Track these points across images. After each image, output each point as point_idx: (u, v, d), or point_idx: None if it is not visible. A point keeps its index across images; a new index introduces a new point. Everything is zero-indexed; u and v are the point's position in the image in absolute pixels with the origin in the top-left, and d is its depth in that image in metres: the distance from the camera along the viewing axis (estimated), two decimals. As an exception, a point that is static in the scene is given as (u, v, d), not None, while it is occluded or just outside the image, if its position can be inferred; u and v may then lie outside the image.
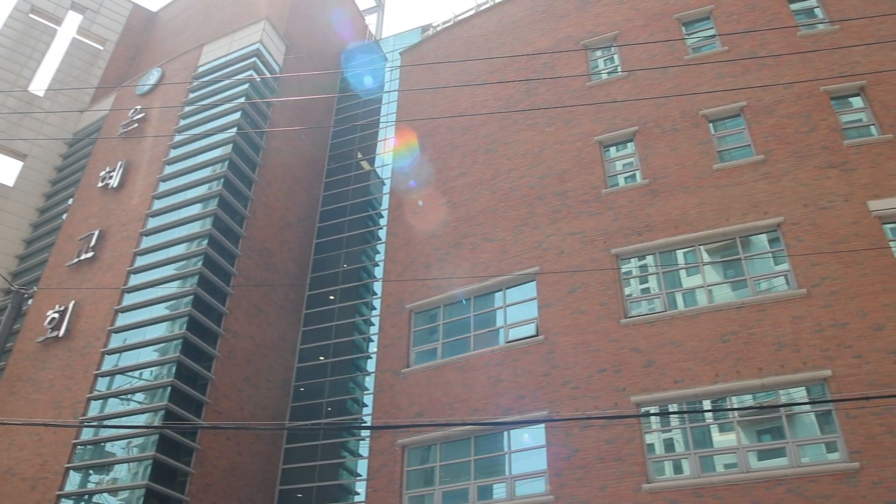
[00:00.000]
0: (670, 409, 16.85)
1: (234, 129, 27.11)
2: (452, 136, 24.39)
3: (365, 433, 23.64)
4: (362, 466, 23.50)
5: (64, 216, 29.98)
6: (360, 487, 23.42)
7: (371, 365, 25.00)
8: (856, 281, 16.33)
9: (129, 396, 22.34)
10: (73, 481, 21.14)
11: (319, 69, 33.18)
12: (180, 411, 21.38)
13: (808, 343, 15.95)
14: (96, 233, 27.06)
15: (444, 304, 20.81)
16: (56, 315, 25.17)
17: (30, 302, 26.47)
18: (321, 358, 26.73)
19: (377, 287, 26.30)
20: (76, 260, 26.78)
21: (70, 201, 30.39)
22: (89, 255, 26.53)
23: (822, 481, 14.36)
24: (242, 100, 28.00)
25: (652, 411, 16.88)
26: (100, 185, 29.03)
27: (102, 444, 21.58)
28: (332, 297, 27.78)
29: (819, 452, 15.14)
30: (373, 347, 25.05)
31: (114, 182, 28.39)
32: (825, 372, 15.45)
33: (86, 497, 20.95)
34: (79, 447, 21.62)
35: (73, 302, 25.25)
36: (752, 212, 18.27)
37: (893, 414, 14.48)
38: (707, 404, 16.61)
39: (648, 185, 19.79)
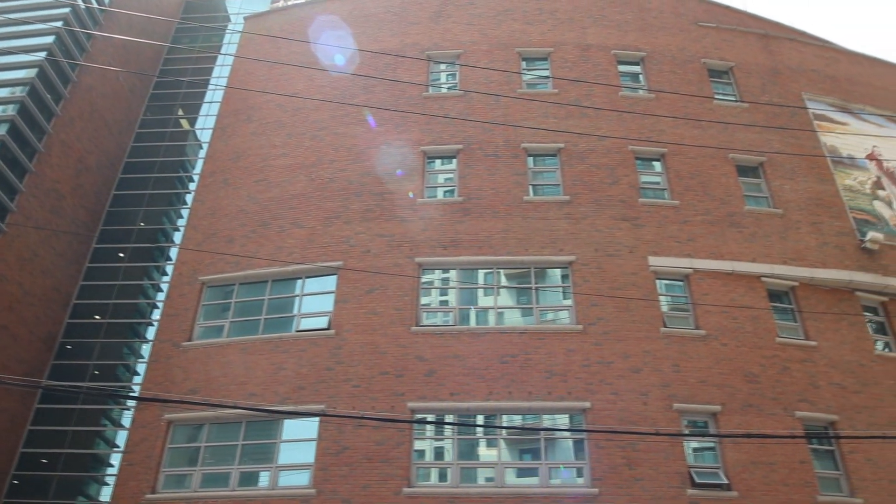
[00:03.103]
0: (441, 420, 17.48)
1: (44, 54, 24.66)
2: (281, 114, 23.78)
3: (131, 403, 22.28)
4: (122, 438, 22.12)
5: None
6: (116, 459, 22.02)
7: (151, 333, 23.66)
8: (625, 325, 17.98)
9: None
10: None
11: (155, 13, 31.08)
12: (-84, 352, 19.01)
13: (575, 375, 17.26)
14: None
15: (239, 283, 20.15)
16: None
17: None
18: (97, 317, 24.89)
19: (173, 252, 24.98)
20: None
21: None
22: None
23: (564, 502, 15.60)
24: (60, 24, 25.56)
25: (428, 419, 17.42)
26: None
27: None
28: (121, 255, 25.99)
29: (570, 476, 16.41)
30: (156, 315, 23.73)
31: None
32: (585, 403, 16.81)
33: None
34: None
35: None
36: (549, 247, 19.51)
37: (635, 449, 16.06)
38: (480, 419, 17.44)
39: (462, 202, 20.49)
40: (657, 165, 21.66)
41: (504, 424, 17.22)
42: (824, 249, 20.25)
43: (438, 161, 22.02)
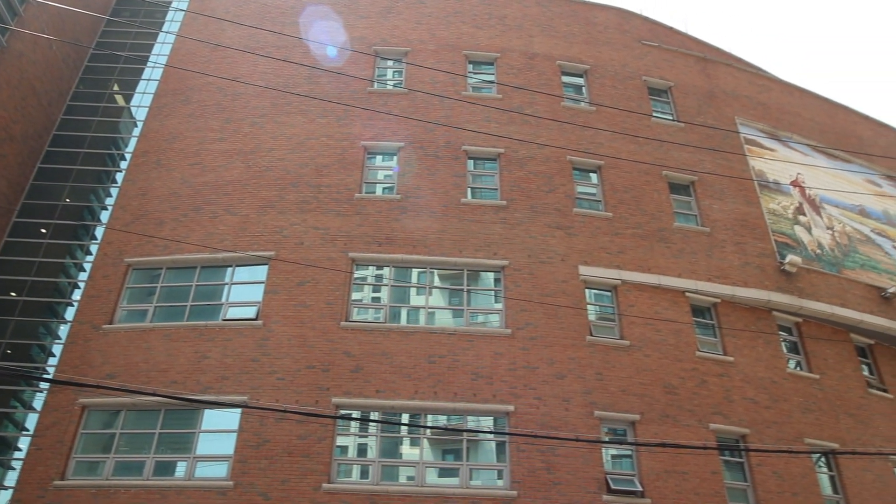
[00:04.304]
0: (361, 416, 17.41)
1: (-29, 16, 23.53)
2: (221, 97, 23.30)
3: (44, 385, 21.42)
4: (32, 421, 21.23)
5: None
6: (25, 443, 21.13)
7: (71, 313, 22.78)
8: (552, 332, 18.28)
9: None
10: None
11: (94, -17, 29.97)
12: None
13: (501, 378, 17.46)
14: None
15: (167, 267, 19.67)
16: None
17: None
18: (13, 294, 23.84)
19: (99, 232, 24.15)
20: None
21: None
22: None
23: (480, 503, 15.74)
24: (-10, -14, 24.39)
25: (353, 415, 17.33)
26: None
27: None
28: (43, 231, 24.95)
29: (491, 478, 16.58)
30: (77, 295, 22.88)
31: None
32: (509, 407, 17.02)
33: None
34: None
35: None
36: (483, 250, 19.68)
37: (554, 453, 16.36)
38: (405, 418, 17.44)
39: (400, 200, 20.48)
40: (593, 177, 22.09)
41: (428, 424, 17.28)
42: (746, 269, 21.02)
43: (379, 157, 21.94)
